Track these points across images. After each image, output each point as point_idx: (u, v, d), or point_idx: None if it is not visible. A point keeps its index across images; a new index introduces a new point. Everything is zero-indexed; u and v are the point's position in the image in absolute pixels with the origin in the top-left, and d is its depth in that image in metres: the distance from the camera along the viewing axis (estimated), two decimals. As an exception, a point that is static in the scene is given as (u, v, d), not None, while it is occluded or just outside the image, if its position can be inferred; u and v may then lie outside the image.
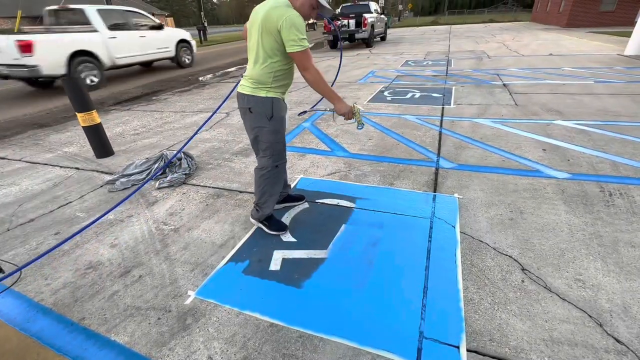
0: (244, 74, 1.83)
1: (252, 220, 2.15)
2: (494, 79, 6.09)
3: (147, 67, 10.12)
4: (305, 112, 2.57)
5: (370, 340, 1.36)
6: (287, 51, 1.62)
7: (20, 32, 6.91)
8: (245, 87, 1.78)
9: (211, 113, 2.92)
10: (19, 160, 3.59)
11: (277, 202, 2.18)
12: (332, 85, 2.97)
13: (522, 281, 1.60)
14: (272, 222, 2.07)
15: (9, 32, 6.99)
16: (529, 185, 2.45)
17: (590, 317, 1.40)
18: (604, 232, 1.91)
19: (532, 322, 1.39)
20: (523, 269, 1.67)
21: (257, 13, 1.67)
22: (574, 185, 2.42)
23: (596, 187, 2.37)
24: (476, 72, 6.93)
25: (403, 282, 1.64)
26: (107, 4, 13.79)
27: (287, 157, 2.04)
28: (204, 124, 3.01)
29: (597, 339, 1.31)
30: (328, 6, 1.71)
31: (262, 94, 1.74)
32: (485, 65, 7.64)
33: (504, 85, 5.61)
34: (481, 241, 1.89)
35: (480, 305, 1.49)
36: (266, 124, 1.80)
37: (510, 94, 5.03)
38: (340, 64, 3.26)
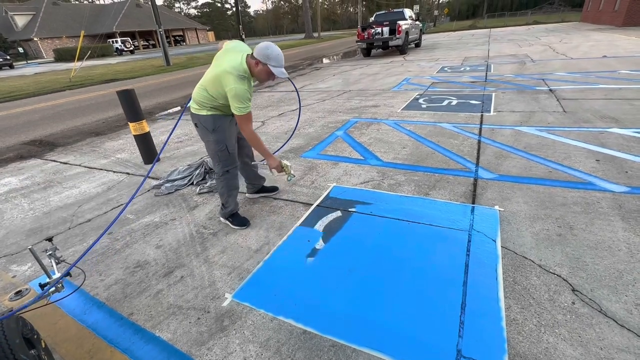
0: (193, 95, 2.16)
1: (220, 218, 2.44)
2: (539, 84, 5.75)
3: None
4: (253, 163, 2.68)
5: (404, 354, 1.33)
6: (232, 111, 1.98)
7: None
8: (193, 107, 2.16)
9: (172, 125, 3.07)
10: (79, 165, 3.97)
11: (252, 192, 2.71)
12: (297, 123, 3.44)
13: (573, 303, 1.48)
14: (235, 218, 2.37)
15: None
16: (580, 199, 2.27)
17: (655, 348, 1.26)
18: (670, 253, 1.72)
19: (585, 349, 1.28)
20: (574, 290, 1.55)
21: (222, 59, 1.99)
22: (633, 200, 2.20)
23: (661, 203, 2.14)
24: (519, 77, 6.58)
25: (439, 297, 1.58)
26: (156, 21, 14.99)
27: (237, 162, 2.34)
28: (169, 135, 3.03)
29: (663, 373, 1.17)
30: (283, 75, 1.96)
31: (204, 112, 2.10)
32: (529, 70, 7.23)
33: (550, 90, 5.27)
34: (525, 257, 1.78)
35: (525, 326, 1.40)
36: (210, 136, 2.14)
37: (557, 100, 4.72)
38: (300, 107, 2.84)
